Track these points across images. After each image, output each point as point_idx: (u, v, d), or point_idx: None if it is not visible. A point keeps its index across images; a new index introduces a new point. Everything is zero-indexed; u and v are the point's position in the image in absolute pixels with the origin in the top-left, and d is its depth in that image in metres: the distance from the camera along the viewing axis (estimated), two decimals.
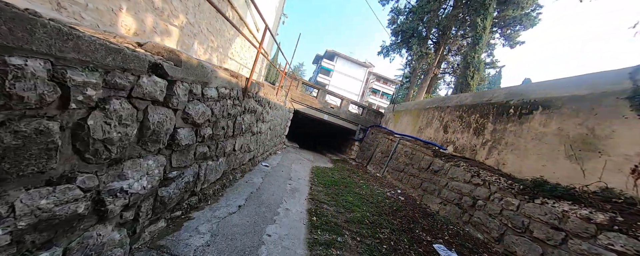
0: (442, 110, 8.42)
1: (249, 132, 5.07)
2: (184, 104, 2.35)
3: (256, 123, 5.68)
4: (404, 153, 8.57)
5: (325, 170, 8.65)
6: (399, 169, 8.39)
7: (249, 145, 5.23)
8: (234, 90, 3.65)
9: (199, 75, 2.53)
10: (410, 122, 10.54)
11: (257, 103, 5.33)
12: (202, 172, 3.09)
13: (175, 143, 2.32)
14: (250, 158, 5.71)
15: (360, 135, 13.93)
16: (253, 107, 4.87)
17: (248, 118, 4.75)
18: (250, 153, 5.56)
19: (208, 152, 3.16)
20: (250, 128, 5.11)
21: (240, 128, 4.35)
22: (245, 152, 5.10)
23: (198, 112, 2.60)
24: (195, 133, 2.69)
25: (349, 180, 7.54)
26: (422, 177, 6.87)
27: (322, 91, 13.24)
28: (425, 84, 12.60)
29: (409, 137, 9.81)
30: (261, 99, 5.53)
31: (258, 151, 6.34)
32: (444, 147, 7.62)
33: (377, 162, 10.57)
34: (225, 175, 4.15)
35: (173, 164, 2.37)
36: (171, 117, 2.18)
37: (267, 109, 6.48)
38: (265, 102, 6.05)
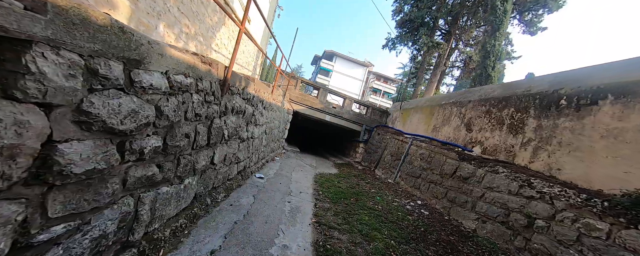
0: (462, 106, 7.26)
1: (235, 138, 3.91)
2: (72, 94, 1.20)
3: (246, 127, 4.54)
4: (419, 156, 7.40)
5: (330, 177, 7.48)
6: (414, 175, 7.22)
7: (236, 155, 4.07)
8: (203, 81, 2.50)
9: (113, 44, 1.38)
10: (423, 121, 9.38)
11: (246, 102, 4.19)
12: (146, 208, 1.92)
13: (54, 172, 1.17)
14: (240, 170, 4.55)
15: (365, 136, 12.78)
16: (240, 107, 3.73)
17: (233, 121, 3.60)
18: (239, 164, 4.40)
19: (158, 174, 2.00)
20: (237, 134, 3.96)
21: (221, 134, 3.20)
22: (231, 164, 3.95)
23: (116, 111, 1.45)
24: (117, 147, 1.53)
25: (358, 190, 6.37)
26: (447, 185, 5.70)
27: (323, 90, 12.11)
28: (434, 79, 11.44)
29: (422, 137, 8.65)
30: (251, 97, 4.39)
31: (250, 160, 5.19)
32: (469, 148, 6.45)
33: (387, 166, 9.40)
34: (199, 199, 2.99)
35: (52, 212, 1.21)
36: (22, 120, 1.03)
37: (260, 110, 5.34)
38: (257, 101, 4.91)
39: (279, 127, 8.87)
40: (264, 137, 6.32)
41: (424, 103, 9.68)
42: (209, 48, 5.10)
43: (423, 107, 9.64)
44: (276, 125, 8.09)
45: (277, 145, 9.03)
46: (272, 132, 7.41)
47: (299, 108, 11.60)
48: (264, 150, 6.59)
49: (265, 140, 6.41)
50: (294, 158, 9.84)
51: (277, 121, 8.21)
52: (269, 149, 7.33)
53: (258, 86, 4.92)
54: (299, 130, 17.82)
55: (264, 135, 6.31)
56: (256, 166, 5.69)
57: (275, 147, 8.48)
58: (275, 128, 8.06)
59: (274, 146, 8.32)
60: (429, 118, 8.96)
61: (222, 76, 2.91)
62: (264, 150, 6.59)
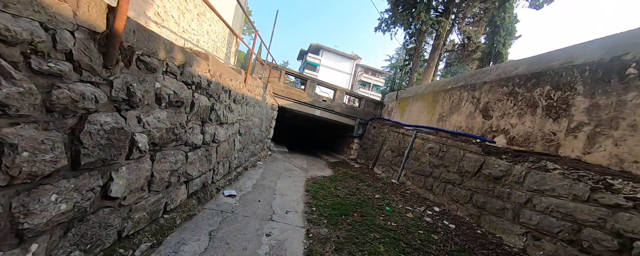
0: (475, 89, 6.06)
1: (176, 145, 2.46)
2: None
3: (201, 127, 3.08)
4: (427, 150, 6.18)
5: (324, 182, 6.13)
6: (423, 173, 6.00)
7: (181, 171, 2.62)
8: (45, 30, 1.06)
9: None
10: (424, 110, 8.18)
11: (194, 89, 2.72)
12: None
13: None
14: (194, 191, 3.09)
15: (360, 130, 11.51)
16: (176, 95, 2.28)
17: (162, 119, 2.15)
18: (191, 183, 2.94)
19: None
20: (180, 139, 2.50)
21: (124, 141, 1.75)
22: (171, 188, 2.49)
23: None
24: None
25: (361, 197, 5.06)
26: (471, 187, 4.48)
27: (310, 82, 10.68)
28: (432, 64, 10.23)
29: (426, 128, 7.45)
30: (205, 83, 2.92)
31: (215, 173, 3.73)
32: (489, 139, 5.27)
33: (387, 163, 8.17)
34: None
35: None
36: None
37: (226, 103, 3.87)
38: (218, 90, 3.44)
39: (261, 126, 7.40)
40: (238, 139, 4.86)
41: (425, 90, 8.48)
42: (141, 15, 3.54)
43: (424, 95, 8.43)
44: (256, 123, 6.63)
45: (260, 146, 7.57)
46: (250, 132, 5.95)
47: (285, 103, 10.14)
48: (239, 156, 5.13)
49: (239, 143, 4.95)
50: (281, 160, 8.42)
51: (257, 118, 6.74)
52: (247, 154, 5.87)
53: (218, 69, 3.44)
54: (287, 128, 16.35)
55: (238, 137, 4.85)
56: (226, 179, 4.23)
57: (256, 149, 7.02)
58: (255, 127, 6.60)
59: (255, 148, 6.87)
60: (432, 106, 7.77)
61: (100, 24, 1.45)
62: (239, 156, 5.13)
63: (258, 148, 7.26)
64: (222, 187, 3.95)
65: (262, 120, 7.52)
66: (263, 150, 8.30)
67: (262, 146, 8.03)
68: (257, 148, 7.06)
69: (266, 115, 8.12)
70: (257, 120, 6.74)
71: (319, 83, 10.97)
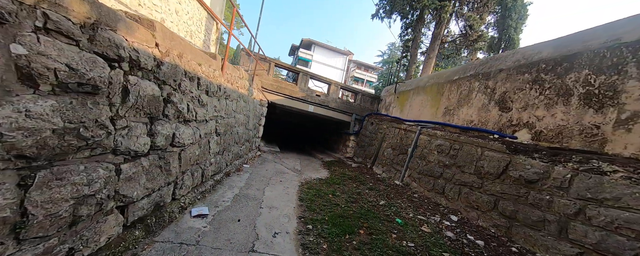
0: (488, 78, 5.31)
1: (95, 154, 1.54)
2: None
3: (149, 125, 2.15)
4: (435, 148, 5.42)
5: (321, 187, 5.29)
6: (431, 174, 5.24)
7: (109, 191, 1.71)
8: None
9: None
10: (427, 103, 7.43)
11: (134, 71, 1.80)
12: None
13: None
14: (138, 218, 2.15)
15: (356, 127, 10.72)
16: (71, 71, 1.35)
17: (24, 111, 1.23)
18: (132, 207, 2.02)
19: None
20: (98, 145, 1.58)
21: None
22: (77, 226, 1.57)
23: None
24: None
25: (365, 206, 4.25)
26: (495, 191, 3.73)
27: (303, 75, 9.75)
28: (432, 54, 9.46)
29: (431, 123, 6.70)
30: (150, 61, 2.00)
31: (176, 187, 2.80)
32: (509, 134, 4.54)
33: (388, 162, 7.40)
34: None
35: None
36: None
37: (192, 94, 2.93)
38: (178, 75, 2.50)
39: (248, 123, 6.46)
40: (215, 140, 3.92)
41: (427, 82, 7.72)
42: None
43: (426, 87, 7.68)
44: (241, 121, 5.69)
45: (247, 147, 6.63)
46: (232, 131, 5.01)
47: (275, 99, 9.19)
48: (218, 160, 4.19)
49: (216, 145, 4.01)
50: (271, 161, 7.51)
51: (242, 115, 5.80)
52: (229, 156, 4.94)
53: (175, 45, 2.50)
54: (278, 125, 15.39)
55: (214, 138, 3.91)
56: (197, 192, 3.29)
57: (242, 150, 6.08)
58: (240, 126, 5.66)
59: (241, 150, 5.93)
60: (436, 99, 7.02)
61: None
62: (218, 160, 4.19)
63: (244, 149, 6.32)
64: (190, 204, 3.02)
65: (249, 117, 6.57)
66: (251, 150, 7.37)
67: (250, 146, 7.10)
68: (242, 149, 6.13)
69: (254, 111, 7.17)
70: (242, 117, 5.80)
71: (312, 77, 10.05)
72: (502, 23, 7.41)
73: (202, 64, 3.24)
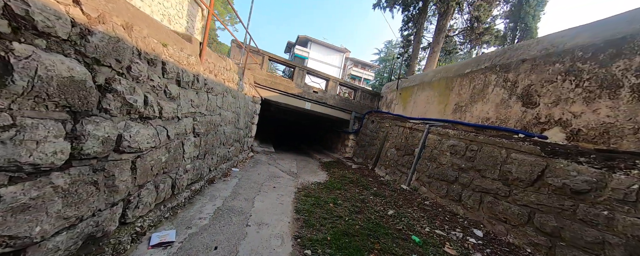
0: (508, 69, 4.67)
1: None
2: None
3: (73, 123, 1.40)
4: (447, 149, 4.78)
5: (320, 194, 4.61)
6: (444, 178, 4.60)
7: None
8: None
9: None
10: (434, 99, 6.79)
11: (31, 37, 1.07)
12: None
13: None
14: None
15: (355, 125, 10.06)
16: None
17: None
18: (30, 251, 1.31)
19: None
20: None
21: None
22: None
23: None
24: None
25: (371, 217, 3.58)
26: (528, 201, 3.10)
27: (299, 70, 9.01)
28: (437, 48, 8.78)
29: (440, 121, 6.06)
30: (64, 26, 1.28)
31: (127, 209, 2.06)
32: (538, 133, 3.91)
33: (392, 163, 6.76)
34: None
35: None
36: None
37: (155, 83, 2.19)
38: (132, 58, 1.76)
39: (237, 122, 5.72)
40: (192, 142, 3.19)
41: (434, 77, 7.07)
42: None
43: (432, 82, 7.03)
44: (229, 119, 4.95)
45: (237, 148, 5.89)
46: (217, 130, 4.28)
47: (270, 95, 8.45)
48: (197, 166, 3.45)
49: (194, 148, 3.27)
50: (265, 163, 6.79)
51: (230, 112, 5.06)
52: (213, 160, 4.20)
53: (120, 11, 1.76)
54: (272, 123, 14.63)
55: (192, 140, 3.18)
56: (163, 210, 2.55)
57: (230, 152, 5.34)
58: (228, 124, 4.92)
59: (229, 151, 5.19)
60: (445, 95, 6.37)
61: None
62: (197, 166, 3.45)
63: (233, 150, 5.58)
64: (152, 226, 2.29)
65: (239, 115, 5.83)
66: (242, 151, 6.63)
67: (240, 147, 6.36)
68: (231, 151, 5.39)
69: (245, 108, 6.42)
70: (230, 114, 5.06)
71: (308, 72, 9.32)
72: (518, 11, 6.81)
73: (168, 45, 2.49)
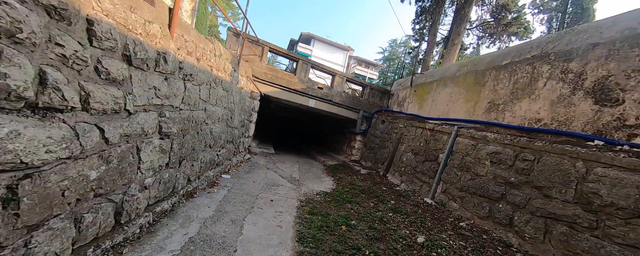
0: (570, 57, 3.64)
1: None
2: None
3: None
4: (486, 156, 3.78)
5: (328, 209, 3.63)
6: (484, 194, 3.60)
7: None
8: None
9: None
10: (459, 97, 5.77)
11: None
12: None
13: None
14: None
15: (363, 125, 9.06)
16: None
17: None
18: None
19: None
20: None
21: None
22: None
23: None
24: None
25: (398, 249, 2.61)
26: (637, 241, 2.11)
27: (303, 63, 8.01)
28: (458, 40, 7.67)
29: (470, 122, 5.05)
30: None
31: None
32: (624, 140, 2.90)
33: (409, 170, 5.76)
34: None
35: None
36: None
37: (64, 49, 1.22)
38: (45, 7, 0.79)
39: (231, 120, 4.75)
40: (153, 146, 2.20)
41: (458, 71, 6.04)
42: None
43: (457, 77, 6.01)
44: (218, 116, 3.97)
45: (229, 150, 4.91)
46: (201, 129, 3.30)
47: (270, 91, 7.47)
48: (162, 179, 2.45)
49: (159, 156, 2.28)
50: (262, 167, 5.81)
51: (222, 108, 4.08)
52: (192, 169, 3.21)
53: None
54: (272, 121, 13.65)
55: (152, 143, 2.19)
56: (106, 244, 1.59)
57: (221, 156, 4.36)
58: (217, 122, 3.94)
59: (218, 155, 4.21)
60: (474, 91, 5.35)
61: None
62: (162, 179, 2.45)
63: (225, 153, 4.61)
64: None
65: (233, 112, 4.86)
66: (237, 153, 5.66)
67: (234, 149, 5.38)
68: (222, 154, 4.42)
69: (241, 104, 5.45)
70: (221, 110, 4.09)
71: (313, 66, 8.32)
72: None
73: (112, 2, 1.51)
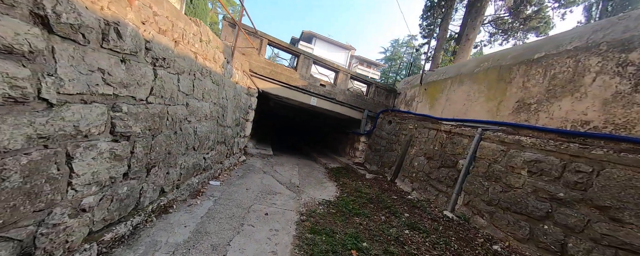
0: (628, 48, 2.99)
1: None
2: None
3: None
4: (523, 165, 3.13)
5: (333, 225, 2.98)
6: (522, 210, 2.95)
7: None
8: None
9: None
10: (480, 96, 5.11)
11: None
12: None
13: None
14: None
15: (368, 125, 8.42)
16: None
17: None
18: None
19: None
20: None
21: None
22: None
23: None
24: None
25: None
26: None
27: (305, 58, 7.35)
28: (472, 35, 7.00)
29: (496, 124, 4.39)
30: None
31: None
32: None
33: (421, 176, 5.12)
34: None
35: None
36: None
37: None
38: None
39: (222, 118, 4.09)
40: (102, 152, 1.54)
41: (477, 67, 5.39)
42: None
43: (477, 74, 5.35)
44: (205, 112, 3.31)
45: (219, 153, 4.24)
46: (181, 128, 2.64)
47: (269, 87, 6.82)
48: (115, 195, 1.78)
49: (110, 165, 1.60)
50: (259, 171, 5.16)
51: (209, 104, 3.42)
52: (168, 177, 2.54)
53: None
54: (270, 118, 12.99)
55: (99, 148, 1.53)
56: None
57: (208, 160, 3.69)
58: (204, 120, 3.28)
59: (204, 159, 3.54)
60: (498, 89, 4.70)
61: None
62: (115, 195, 1.78)
63: (214, 156, 3.95)
64: None
65: (225, 109, 4.20)
66: (230, 156, 5.00)
67: (227, 150, 4.73)
68: (210, 157, 3.76)
69: (236, 101, 4.79)
70: (209, 106, 3.43)
71: (315, 62, 7.66)
72: None
73: None
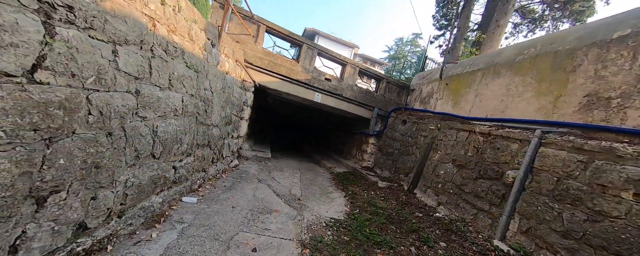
0: None
1: None
2: None
3: None
4: (620, 185, 2.13)
5: None
6: (625, 252, 1.97)
7: None
8: None
9: None
10: (526, 90, 4.07)
11: None
12: None
13: None
14: None
15: (378, 125, 7.42)
16: None
17: None
18: None
19: None
20: None
21: None
22: None
23: None
24: None
25: None
26: None
27: (308, 49, 6.36)
28: (503, 21, 5.91)
29: (563, 125, 3.37)
30: None
31: None
32: None
33: (449, 187, 4.11)
34: None
35: None
36: None
37: None
38: None
39: (206, 114, 3.10)
40: None
41: (518, 54, 4.34)
42: None
43: (519, 63, 4.31)
44: (174, 105, 2.31)
45: (199, 160, 3.24)
46: (122, 126, 1.65)
47: (267, 81, 5.84)
48: None
49: None
50: (252, 179, 4.17)
51: (183, 96, 2.42)
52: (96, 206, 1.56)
53: None
54: (268, 115, 12.00)
55: None
56: None
57: (184, 168, 2.70)
58: (176, 117, 2.28)
59: (175, 169, 2.55)
60: (552, 81, 3.66)
61: None
62: None
63: (192, 164, 2.97)
64: None
65: (210, 104, 3.21)
66: (218, 161, 4.02)
67: (214, 155, 3.74)
68: (186, 165, 2.77)
69: (226, 95, 3.80)
70: (182, 98, 2.44)
71: (320, 53, 6.67)
72: None
73: None
